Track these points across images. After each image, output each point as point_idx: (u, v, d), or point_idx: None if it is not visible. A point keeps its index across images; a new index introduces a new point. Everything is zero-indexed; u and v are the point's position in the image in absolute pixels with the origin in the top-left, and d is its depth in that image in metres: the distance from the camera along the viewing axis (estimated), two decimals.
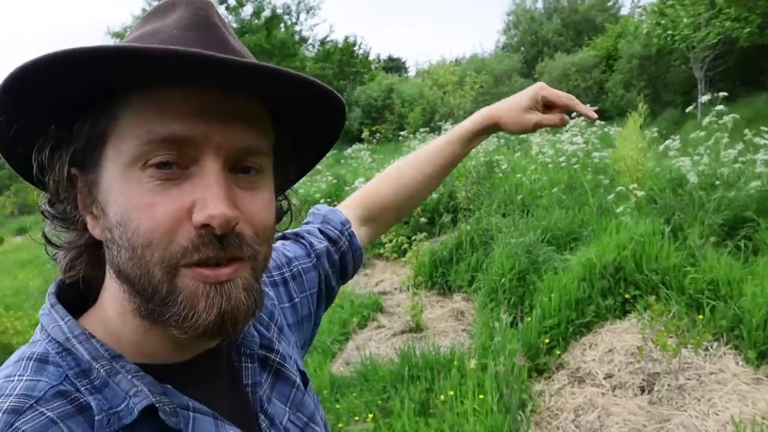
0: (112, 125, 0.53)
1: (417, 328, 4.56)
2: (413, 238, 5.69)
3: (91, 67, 0.48)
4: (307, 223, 0.96)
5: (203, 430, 0.56)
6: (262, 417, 0.66)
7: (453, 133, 1.04)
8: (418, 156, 1.04)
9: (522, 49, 25.33)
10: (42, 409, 0.48)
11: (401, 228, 6.53)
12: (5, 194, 23.67)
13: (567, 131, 6.62)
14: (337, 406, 3.59)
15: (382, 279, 6.22)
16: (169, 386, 0.55)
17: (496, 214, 5.55)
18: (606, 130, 7.67)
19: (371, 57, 30.10)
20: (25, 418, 0.47)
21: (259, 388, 0.68)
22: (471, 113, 1.10)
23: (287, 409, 0.70)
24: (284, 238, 0.91)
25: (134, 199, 0.51)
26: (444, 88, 15.86)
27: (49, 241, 0.61)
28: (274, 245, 0.85)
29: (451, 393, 3.08)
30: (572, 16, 25.54)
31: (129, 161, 0.51)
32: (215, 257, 0.52)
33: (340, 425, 3.35)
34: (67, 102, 0.53)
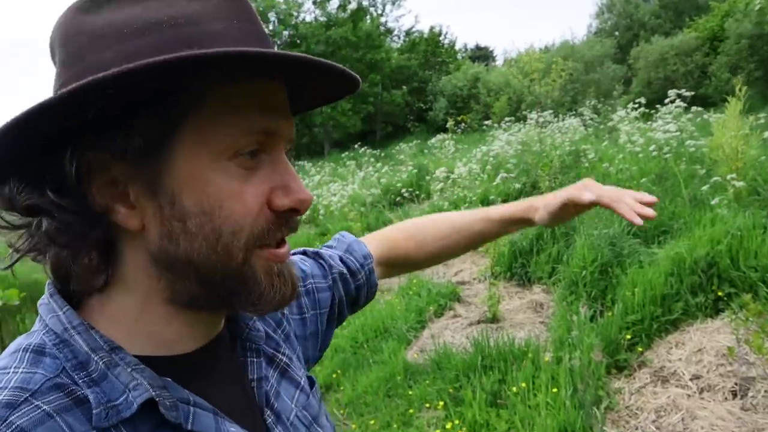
0: (193, 116, 0.51)
1: (494, 319, 4.50)
2: None
3: (193, 72, 0.48)
4: (330, 246, 0.97)
5: (203, 425, 0.55)
6: (268, 412, 0.66)
7: (491, 212, 1.02)
8: (449, 221, 1.04)
9: (616, 33, 24.08)
10: (37, 403, 0.48)
11: None
12: None
13: (660, 119, 6.23)
14: (410, 392, 3.62)
15: (461, 269, 6.18)
16: (168, 380, 0.55)
17: None
18: (706, 116, 7.15)
19: (457, 46, 29.73)
20: (20, 413, 0.46)
21: (265, 383, 0.67)
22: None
23: (294, 405, 0.70)
24: (304, 254, 0.92)
25: (225, 188, 0.53)
26: (530, 76, 15.41)
27: (49, 237, 0.54)
28: (292, 258, 0.89)
29: (524, 385, 3.03)
30: None
31: (220, 150, 0.52)
32: (285, 236, 0.58)
33: (411, 411, 3.38)
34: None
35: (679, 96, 6.25)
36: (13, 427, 0.45)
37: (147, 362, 0.54)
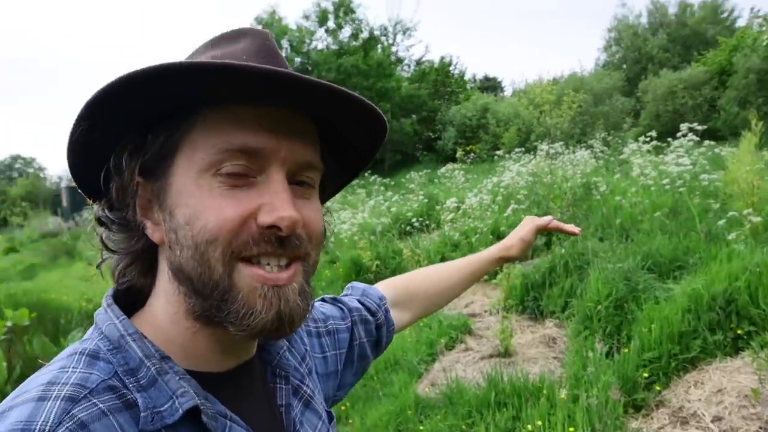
0: (186, 136, 0.58)
1: (506, 353, 4.43)
2: None
3: (189, 81, 0.53)
4: (345, 295, 1.03)
5: None
6: None
7: (474, 257, 1.20)
8: (446, 266, 1.18)
9: (624, 66, 24.27)
10: (95, 400, 0.51)
11: None
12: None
13: (672, 152, 6.22)
14: (421, 427, 3.55)
15: (472, 300, 6.12)
16: (209, 394, 0.59)
17: (592, 237, 5.31)
18: (717, 150, 7.14)
19: (467, 77, 30.01)
20: (81, 407, 0.50)
21: (292, 410, 0.71)
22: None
23: None
24: (323, 300, 0.98)
25: (205, 201, 0.56)
26: (540, 107, 15.49)
27: (106, 246, 0.65)
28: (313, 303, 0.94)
29: (539, 423, 2.96)
30: (680, 30, 24.13)
31: (203, 168, 0.57)
32: (274, 254, 0.58)
33: None
34: (149, 114, 0.58)
35: (691, 130, 6.26)
36: (75, 419, 0.49)
37: (190, 375, 0.59)
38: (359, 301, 0.99)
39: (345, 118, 0.63)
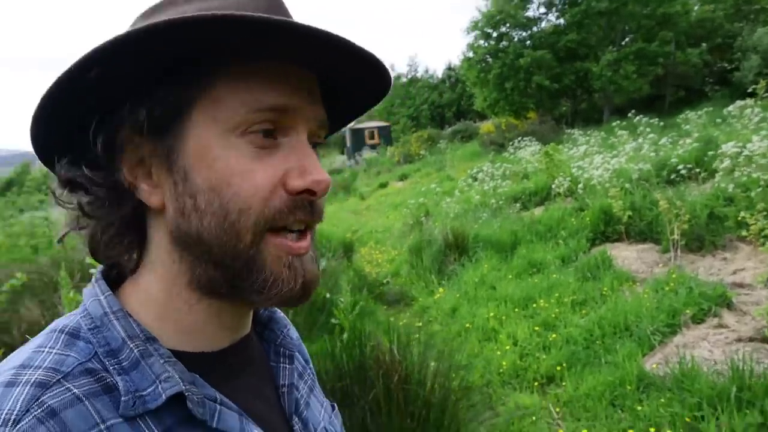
0: (207, 91, 0.54)
1: None
2: None
3: (222, 33, 0.49)
4: None
5: (228, 425, 0.55)
6: (296, 419, 0.65)
7: None
8: None
9: None
10: (68, 385, 0.48)
11: None
12: (395, 145, 27.89)
13: None
14: (638, 407, 3.10)
15: (742, 267, 5.06)
16: (197, 376, 0.55)
17: None
18: None
19: None
20: (52, 393, 0.47)
21: (296, 390, 0.68)
22: None
23: (321, 419, 0.70)
24: None
25: (233, 165, 0.53)
26: None
27: (83, 212, 0.58)
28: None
29: None
30: None
31: (229, 128, 0.53)
32: (306, 221, 0.56)
33: None
34: (165, 66, 0.53)
35: None
36: (44, 406, 0.46)
37: (178, 357, 0.55)
38: None
39: (354, 76, 0.60)
